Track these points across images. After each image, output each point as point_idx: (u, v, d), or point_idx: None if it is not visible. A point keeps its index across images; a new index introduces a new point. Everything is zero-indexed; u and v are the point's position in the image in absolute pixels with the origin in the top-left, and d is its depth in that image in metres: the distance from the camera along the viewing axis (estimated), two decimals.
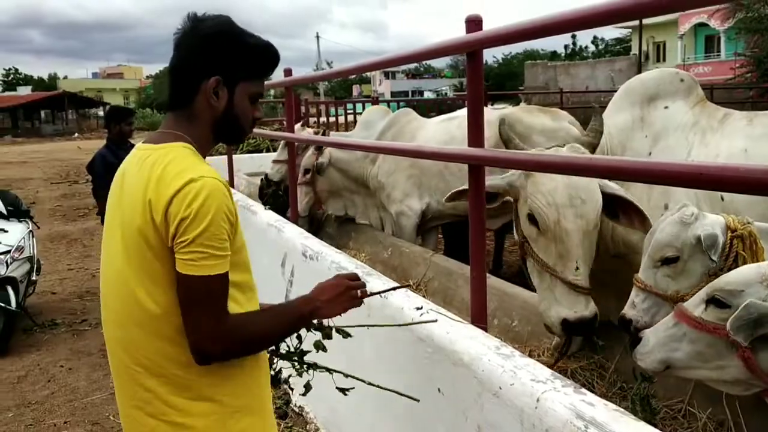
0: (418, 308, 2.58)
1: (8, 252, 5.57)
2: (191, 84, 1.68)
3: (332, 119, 14.43)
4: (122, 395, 1.72)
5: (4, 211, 6.09)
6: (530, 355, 2.97)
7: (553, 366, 2.78)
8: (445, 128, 5.47)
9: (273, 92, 34.89)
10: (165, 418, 1.64)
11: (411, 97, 49.85)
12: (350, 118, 13.72)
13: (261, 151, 11.12)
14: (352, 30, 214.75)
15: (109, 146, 5.84)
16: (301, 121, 7.60)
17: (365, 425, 2.89)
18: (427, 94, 52.39)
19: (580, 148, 2.87)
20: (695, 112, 3.29)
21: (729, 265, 2.23)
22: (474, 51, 2.56)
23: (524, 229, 2.86)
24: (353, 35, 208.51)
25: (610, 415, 1.71)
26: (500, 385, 1.98)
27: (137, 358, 1.65)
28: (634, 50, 34.17)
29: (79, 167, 19.40)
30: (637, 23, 29.03)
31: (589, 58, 48.76)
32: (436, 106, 14.84)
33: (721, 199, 3.00)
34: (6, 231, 5.81)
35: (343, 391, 2.06)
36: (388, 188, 5.63)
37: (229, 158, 7.16)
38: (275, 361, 2.03)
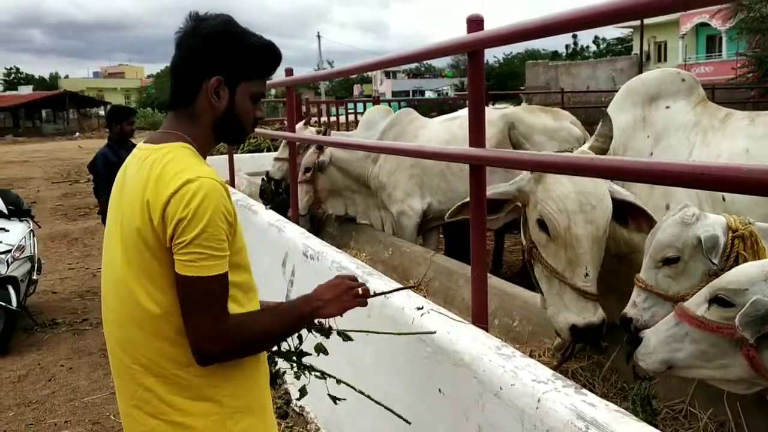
0: (419, 308, 2.57)
1: (9, 251, 5.57)
2: (192, 83, 1.68)
3: (333, 119, 14.44)
4: (122, 394, 1.72)
5: (5, 211, 6.09)
6: (531, 355, 2.97)
7: (556, 368, 2.78)
8: (447, 128, 5.47)
9: (274, 92, 34.90)
10: (165, 417, 1.64)
11: (412, 96, 49.82)
12: (351, 117, 13.72)
13: (262, 151, 11.12)
14: (353, 30, 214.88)
15: (111, 145, 5.91)
16: (304, 120, 7.59)
17: (366, 425, 2.88)
18: (428, 94, 52.43)
19: (590, 153, 2.84)
20: (697, 112, 3.29)
21: (730, 266, 2.22)
22: (475, 51, 2.56)
23: (533, 234, 2.82)
24: (354, 35, 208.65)
25: (611, 416, 1.71)
26: (501, 385, 1.97)
27: (137, 357, 1.65)
28: (636, 50, 34.14)
29: (80, 167, 19.42)
30: (638, 23, 29.01)
31: (591, 57, 48.71)
32: (437, 105, 14.82)
33: (723, 200, 3.00)
34: (7, 230, 5.81)
35: (334, 399, 2.07)
36: (389, 188, 5.62)
37: (230, 158, 7.17)
38: (276, 361, 2.03)
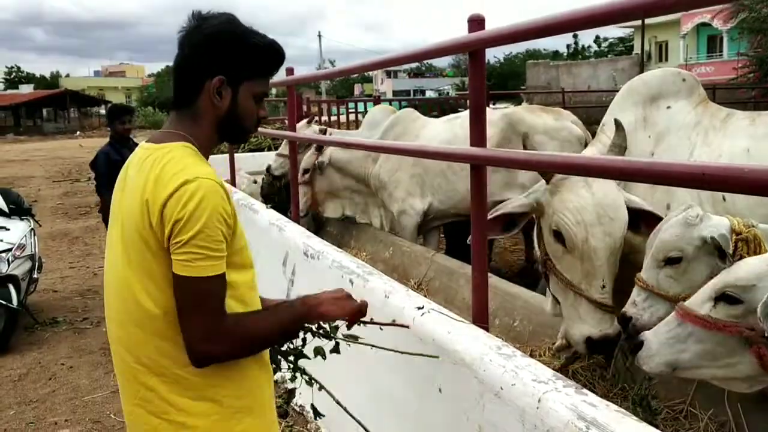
0: (420, 308, 2.57)
1: (10, 250, 5.57)
2: (195, 83, 1.67)
3: (333, 118, 14.44)
4: (125, 393, 1.72)
5: (6, 209, 6.09)
6: (531, 355, 2.96)
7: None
8: (448, 128, 5.47)
9: (275, 91, 34.88)
10: (166, 417, 1.63)
11: (413, 96, 49.84)
12: (352, 117, 13.72)
13: (263, 150, 11.11)
14: (354, 29, 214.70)
15: (113, 144, 6.02)
16: (307, 119, 7.60)
17: (366, 425, 2.88)
18: (429, 94, 52.42)
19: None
20: (698, 112, 3.29)
21: None
22: (476, 50, 2.56)
23: (549, 246, 2.78)
24: (355, 34, 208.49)
25: (612, 416, 1.71)
26: (501, 385, 1.97)
27: (138, 357, 1.65)
28: (637, 50, 34.12)
29: (81, 165, 19.42)
30: (639, 23, 28.99)
31: (591, 57, 48.66)
32: (438, 105, 14.82)
33: (723, 200, 3.00)
34: (8, 229, 5.81)
35: (317, 413, 2.07)
36: (390, 187, 5.62)
37: (231, 157, 7.17)
38: (278, 359, 2.02)
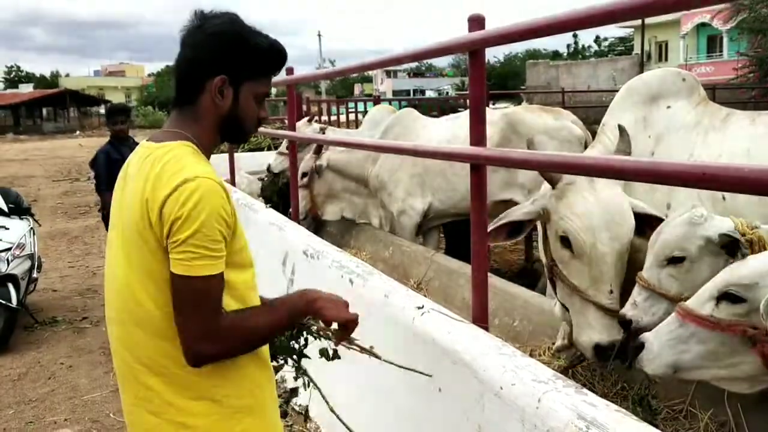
0: (419, 307, 2.57)
1: (9, 249, 5.57)
2: (196, 82, 1.66)
3: (333, 118, 14.44)
4: (125, 393, 1.72)
5: (6, 209, 6.08)
6: (531, 354, 2.96)
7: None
8: (448, 128, 5.47)
9: (275, 91, 34.81)
10: (166, 416, 1.63)
11: (412, 96, 49.83)
12: (351, 116, 13.72)
13: (262, 150, 11.10)
14: (354, 29, 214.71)
15: (112, 143, 6.09)
16: (308, 117, 7.60)
17: (366, 425, 2.88)
18: (429, 93, 52.40)
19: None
20: (698, 112, 3.29)
21: None
22: (476, 50, 2.56)
23: (555, 252, 2.75)
24: (355, 34, 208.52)
25: (612, 416, 1.71)
26: (501, 385, 1.97)
27: (138, 356, 1.65)
28: (637, 50, 34.12)
29: (81, 165, 19.43)
30: (639, 23, 29.01)
31: (591, 57, 48.65)
32: (438, 105, 14.83)
33: (723, 199, 3.00)
34: (7, 228, 5.80)
35: (306, 416, 2.08)
36: (389, 186, 5.62)
37: (231, 156, 7.16)
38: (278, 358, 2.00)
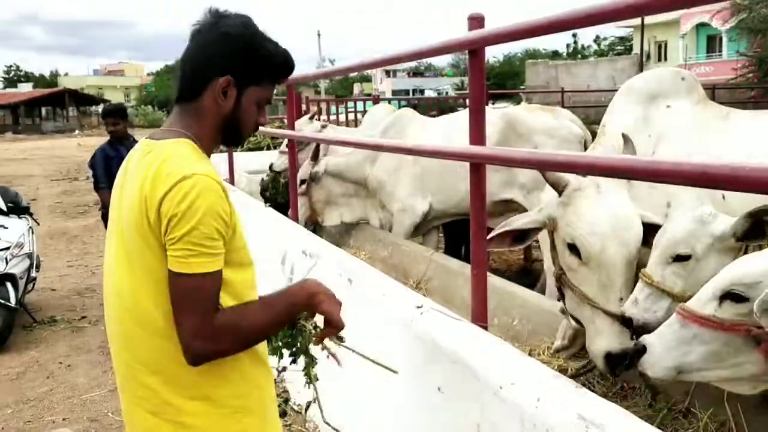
0: (419, 307, 2.57)
1: (8, 248, 5.56)
2: (201, 79, 1.66)
3: (333, 117, 14.42)
4: (124, 392, 1.72)
5: (4, 208, 6.08)
6: (530, 354, 2.96)
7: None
8: (447, 129, 5.49)
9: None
10: (165, 416, 1.63)
11: (412, 95, 49.83)
12: (351, 116, 13.71)
13: (262, 149, 11.08)
14: (354, 28, 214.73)
15: (111, 142, 6.19)
16: (310, 114, 7.60)
17: (365, 424, 2.88)
18: (428, 93, 52.40)
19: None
20: (697, 111, 3.28)
21: None
22: (476, 48, 2.55)
23: (563, 259, 2.72)
24: (355, 33, 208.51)
25: (611, 415, 1.70)
26: (500, 384, 1.97)
27: (138, 355, 1.64)
28: (636, 50, 34.12)
29: (80, 164, 19.41)
30: (638, 23, 29.02)
31: (591, 57, 48.64)
32: (437, 104, 14.81)
33: (722, 198, 2.99)
34: (6, 227, 5.80)
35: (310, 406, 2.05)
36: (389, 186, 5.61)
37: (230, 156, 7.15)
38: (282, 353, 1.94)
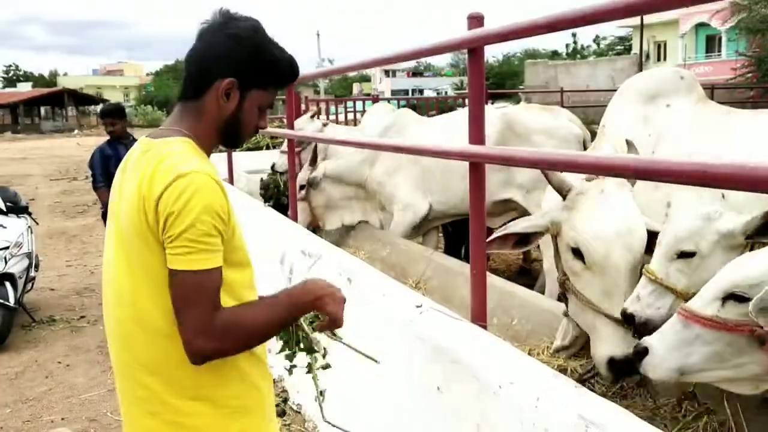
0: (418, 306, 2.57)
1: (7, 248, 5.56)
2: (205, 79, 1.66)
3: (332, 117, 14.41)
4: (122, 392, 1.71)
5: (3, 208, 6.08)
6: (530, 353, 2.95)
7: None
8: (444, 128, 5.51)
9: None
10: (162, 416, 1.62)
11: (411, 95, 49.81)
12: (350, 116, 13.71)
13: (261, 149, 11.08)
14: (354, 28, 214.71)
15: (110, 141, 6.23)
16: (311, 113, 7.61)
17: (363, 424, 2.88)
18: (428, 93, 52.40)
19: (626, 183, 2.69)
20: (697, 110, 3.29)
21: None
22: (475, 47, 2.55)
23: (567, 264, 2.69)
24: (354, 33, 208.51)
25: (611, 415, 1.70)
26: (500, 383, 1.96)
27: (136, 355, 1.63)
28: (635, 50, 34.12)
29: (79, 164, 19.40)
30: (638, 22, 29.00)
31: (591, 57, 48.62)
32: (437, 104, 14.81)
33: (722, 197, 2.99)
34: (5, 227, 5.79)
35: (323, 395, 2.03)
36: (389, 187, 5.61)
37: (229, 155, 7.15)
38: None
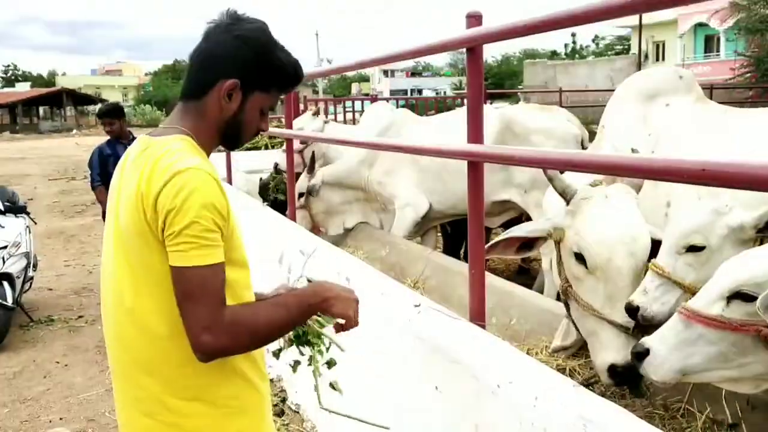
0: (416, 306, 2.56)
1: (5, 248, 5.55)
2: (209, 78, 1.65)
3: (331, 117, 14.40)
4: (119, 392, 1.70)
5: (2, 207, 6.07)
6: (528, 353, 2.95)
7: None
8: (438, 127, 5.53)
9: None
10: (158, 417, 1.61)
11: (410, 95, 49.79)
12: (349, 116, 13.70)
13: (259, 149, 11.07)
14: (353, 28, 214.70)
15: (109, 141, 6.29)
16: (314, 111, 7.61)
17: (363, 424, 2.87)
18: (427, 93, 52.39)
19: (631, 189, 2.68)
20: (696, 109, 3.29)
21: None
22: (474, 46, 2.54)
23: (570, 269, 2.67)
24: (353, 33, 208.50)
25: (610, 414, 1.70)
26: (498, 383, 1.96)
27: (134, 355, 1.63)
28: (634, 49, 34.12)
29: (77, 164, 19.40)
30: (637, 22, 29.00)
31: (590, 57, 48.60)
32: (436, 104, 14.81)
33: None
34: (3, 227, 5.78)
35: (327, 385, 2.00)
36: (389, 187, 5.62)
37: (227, 155, 7.14)
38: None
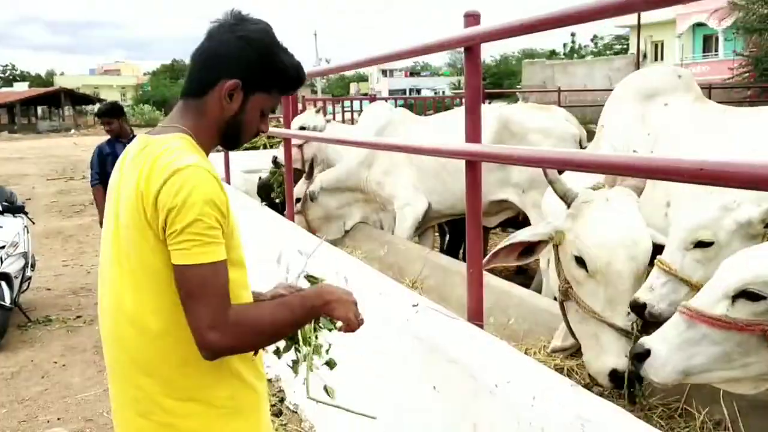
0: (414, 305, 2.56)
1: (3, 247, 5.54)
2: (210, 78, 1.65)
3: (329, 117, 14.41)
4: (115, 392, 1.70)
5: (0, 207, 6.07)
6: (527, 353, 2.95)
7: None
8: (435, 127, 5.54)
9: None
10: (153, 417, 1.60)
11: (408, 95, 49.80)
12: (347, 116, 13.70)
13: (258, 149, 11.05)
14: (352, 28, 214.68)
15: (109, 140, 6.31)
16: (316, 108, 7.63)
17: (360, 423, 2.86)
18: (425, 93, 52.42)
19: (632, 193, 2.66)
20: (695, 109, 3.29)
21: None
22: (471, 45, 2.54)
23: (569, 272, 2.64)
24: (353, 33, 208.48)
25: (608, 414, 1.70)
26: (497, 383, 1.96)
27: (131, 355, 1.62)
28: (632, 49, 34.13)
29: (75, 164, 19.39)
30: (635, 22, 29.01)
31: (588, 56, 48.62)
32: (434, 104, 14.81)
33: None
34: (1, 227, 5.78)
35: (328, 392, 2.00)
36: (388, 187, 5.62)
37: (226, 155, 7.14)
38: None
